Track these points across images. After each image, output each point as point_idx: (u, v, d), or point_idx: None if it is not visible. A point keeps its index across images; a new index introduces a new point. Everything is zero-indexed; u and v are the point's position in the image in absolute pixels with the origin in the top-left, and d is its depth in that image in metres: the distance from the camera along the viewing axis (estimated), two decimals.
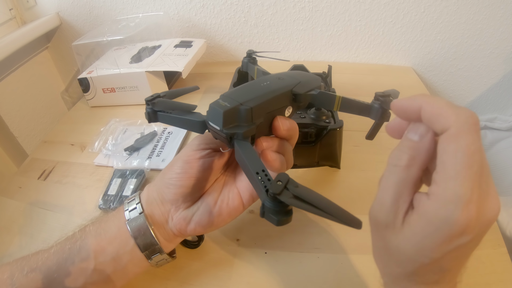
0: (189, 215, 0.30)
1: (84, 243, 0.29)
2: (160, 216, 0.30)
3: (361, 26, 0.73)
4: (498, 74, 0.75)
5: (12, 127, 0.73)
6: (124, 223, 0.29)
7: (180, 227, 0.30)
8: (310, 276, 0.35)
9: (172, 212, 0.30)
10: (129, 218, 0.30)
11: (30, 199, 0.47)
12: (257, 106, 0.27)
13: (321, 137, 0.43)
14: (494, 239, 0.37)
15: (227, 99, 0.28)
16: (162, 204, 0.30)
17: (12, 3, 0.76)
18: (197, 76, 0.74)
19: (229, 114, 0.26)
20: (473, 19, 0.68)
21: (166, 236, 0.31)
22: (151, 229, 0.29)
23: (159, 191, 0.30)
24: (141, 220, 0.29)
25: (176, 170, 0.29)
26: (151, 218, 0.30)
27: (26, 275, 0.27)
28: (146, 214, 0.30)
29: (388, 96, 0.29)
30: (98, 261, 0.28)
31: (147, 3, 0.75)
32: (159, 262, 0.31)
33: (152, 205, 0.30)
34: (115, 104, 0.67)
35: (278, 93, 0.29)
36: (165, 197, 0.30)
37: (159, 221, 0.30)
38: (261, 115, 0.28)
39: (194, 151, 0.30)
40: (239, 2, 0.72)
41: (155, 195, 0.31)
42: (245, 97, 0.28)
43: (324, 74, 0.54)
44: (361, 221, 0.22)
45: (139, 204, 0.31)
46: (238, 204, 0.30)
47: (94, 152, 0.54)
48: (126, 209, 0.31)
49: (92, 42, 0.66)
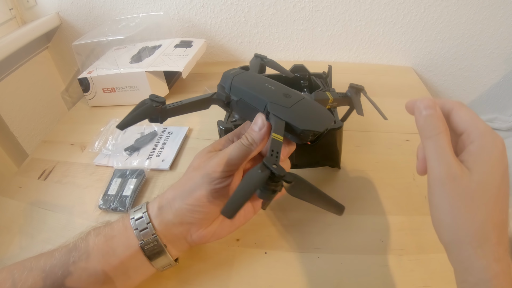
0: (210, 233, 0.31)
1: (91, 259, 0.28)
2: (177, 235, 0.31)
3: (361, 26, 0.73)
4: (498, 74, 0.75)
5: (12, 127, 0.73)
6: (137, 246, 0.29)
7: (199, 242, 0.31)
8: (310, 276, 0.35)
9: (192, 231, 0.31)
10: (143, 242, 0.29)
11: (30, 199, 0.47)
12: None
13: (321, 137, 0.43)
14: None
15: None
16: (181, 225, 0.30)
17: (12, 3, 0.76)
18: (197, 76, 0.74)
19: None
20: (473, 19, 0.68)
21: (180, 249, 0.32)
22: (165, 249, 0.30)
23: (178, 215, 0.30)
24: (155, 244, 0.30)
25: (202, 200, 0.29)
26: (166, 238, 0.30)
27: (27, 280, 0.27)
28: (160, 236, 0.30)
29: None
30: (108, 278, 0.29)
31: (147, 3, 0.75)
32: (165, 267, 0.32)
33: (168, 227, 0.30)
34: (115, 104, 0.67)
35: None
36: (187, 220, 0.30)
37: (176, 240, 0.31)
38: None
39: (220, 179, 0.29)
40: (239, 2, 0.72)
41: (171, 217, 0.30)
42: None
43: (324, 74, 0.54)
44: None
45: (150, 224, 0.30)
46: (251, 211, 0.33)
47: (94, 152, 0.54)
48: (136, 229, 0.30)
49: (92, 42, 0.66)
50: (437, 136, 0.25)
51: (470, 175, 0.23)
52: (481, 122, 0.25)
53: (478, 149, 0.24)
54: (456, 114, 0.26)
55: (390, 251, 0.36)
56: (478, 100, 0.80)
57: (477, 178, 0.23)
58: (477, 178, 0.23)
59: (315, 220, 0.40)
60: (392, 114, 0.40)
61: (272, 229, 0.40)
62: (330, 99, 0.37)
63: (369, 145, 0.52)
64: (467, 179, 0.23)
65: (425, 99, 0.26)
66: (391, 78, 0.73)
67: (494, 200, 0.23)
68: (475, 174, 0.23)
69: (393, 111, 0.44)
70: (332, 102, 0.37)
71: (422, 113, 0.26)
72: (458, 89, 0.79)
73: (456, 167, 0.24)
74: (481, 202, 0.23)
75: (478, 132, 0.24)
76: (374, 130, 0.55)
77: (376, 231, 0.39)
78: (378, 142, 0.52)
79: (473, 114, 0.26)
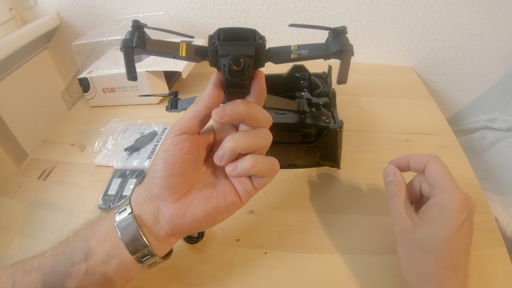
0: (182, 210, 0.28)
1: (76, 246, 0.28)
2: (149, 214, 0.28)
3: (361, 26, 0.73)
4: (498, 74, 0.75)
5: (12, 127, 0.73)
6: (113, 225, 0.28)
7: (173, 223, 0.28)
8: (310, 276, 0.35)
9: (162, 209, 0.28)
10: (119, 220, 0.28)
11: (30, 199, 0.47)
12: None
13: (321, 137, 0.43)
14: (494, 240, 0.37)
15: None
16: (150, 201, 0.29)
17: (12, 3, 0.76)
18: (197, 76, 0.74)
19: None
20: (473, 19, 0.68)
21: (158, 237, 0.29)
22: (140, 230, 0.28)
23: (146, 189, 0.29)
24: (129, 221, 0.28)
25: (157, 162, 0.28)
26: (140, 219, 0.28)
27: (21, 280, 0.27)
28: (135, 214, 0.28)
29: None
30: (89, 264, 0.27)
31: (147, 3, 0.75)
32: (151, 265, 0.30)
33: (141, 205, 0.29)
34: (115, 104, 0.67)
35: None
36: (152, 193, 0.28)
37: (149, 221, 0.28)
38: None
39: (171, 139, 0.28)
40: (239, 2, 0.72)
41: (143, 193, 0.29)
42: None
43: (324, 74, 0.54)
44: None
45: (129, 205, 0.29)
46: (236, 199, 0.29)
47: (94, 152, 0.54)
48: (116, 211, 0.29)
49: (92, 42, 0.66)
50: (392, 198, 0.32)
51: (422, 228, 0.28)
52: (448, 179, 0.29)
53: (435, 204, 0.29)
54: (428, 168, 0.31)
55: (390, 251, 0.36)
56: (478, 100, 0.80)
57: (427, 231, 0.28)
58: (427, 230, 0.28)
59: (315, 220, 0.40)
60: (392, 114, 0.40)
61: (272, 229, 0.40)
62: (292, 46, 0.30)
63: (369, 145, 0.52)
64: (417, 231, 0.29)
65: (388, 168, 0.33)
66: (391, 78, 0.73)
67: (444, 247, 0.27)
68: (426, 227, 0.28)
69: (393, 111, 0.44)
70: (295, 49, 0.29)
71: (384, 179, 0.34)
72: (458, 89, 0.79)
73: (408, 222, 0.29)
74: (430, 250, 0.28)
75: (441, 188, 0.29)
76: (374, 130, 0.55)
77: (376, 231, 0.39)
78: (378, 142, 0.52)
79: (443, 170, 0.30)
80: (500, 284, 0.33)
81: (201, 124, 0.29)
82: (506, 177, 0.61)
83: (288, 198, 0.44)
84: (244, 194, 0.29)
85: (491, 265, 0.35)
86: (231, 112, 0.27)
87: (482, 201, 0.42)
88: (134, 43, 0.27)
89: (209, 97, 0.28)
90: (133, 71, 0.28)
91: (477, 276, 0.34)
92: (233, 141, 0.27)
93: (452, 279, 0.27)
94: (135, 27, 0.28)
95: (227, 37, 0.25)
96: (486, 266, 0.35)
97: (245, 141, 0.28)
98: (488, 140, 0.71)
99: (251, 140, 0.28)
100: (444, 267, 0.27)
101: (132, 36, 0.28)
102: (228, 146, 0.27)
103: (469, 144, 0.74)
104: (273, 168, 0.29)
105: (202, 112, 0.28)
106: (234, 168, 0.28)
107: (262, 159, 0.28)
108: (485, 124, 0.74)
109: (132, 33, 0.28)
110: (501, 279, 0.34)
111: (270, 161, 0.29)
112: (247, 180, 0.29)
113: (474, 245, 0.36)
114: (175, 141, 0.28)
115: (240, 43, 0.24)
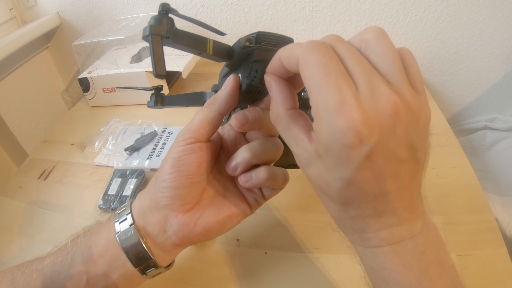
0: (193, 220, 0.27)
1: (75, 256, 0.27)
2: (154, 225, 0.27)
3: (362, 26, 0.73)
4: (498, 74, 0.75)
5: (12, 127, 0.73)
6: (114, 236, 0.27)
7: (183, 234, 0.27)
8: (310, 276, 0.35)
9: (171, 219, 0.27)
10: (119, 231, 0.27)
11: (30, 199, 0.47)
12: None
13: None
14: (494, 239, 0.37)
15: None
16: (157, 211, 0.27)
17: (12, 3, 0.76)
18: (197, 76, 0.74)
19: None
20: (474, 19, 0.68)
21: (163, 247, 0.27)
22: (143, 242, 0.26)
23: (152, 198, 0.27)
24: (131, 233, 0.26)
25: (167, 171, 0.26)
26: (144, 229, 0.27)
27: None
28: (137, 225, 0.27)
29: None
30: (89, 276, 0.26)
31: (147, 3, 0.75)
32: (155, 275, 0.29)
33: (145, 215, 0.27)
34: (115, 104, 0.67)
35: None
36: (160, 202, 0.27)
37: (154, 231, 0.27)
38: None
39: (183, 147, 0.26)
40: (239, 2, 0.72)
41: (148, 202, 0.27)
42: None
43: None
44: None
45: (130, 214, 0.27)
46: (246, 207, 0.29)
47: (94, 152, 0.54)
48: (116, 220, 0.27)
49: (92, 42, 0.66)
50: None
51: (316, 165, 0.20)
52: (323, 91, 0.17)
53: (316, 136, 0.20)
54: (301, 73, 0.19)
55: None
56: (478, 100, 0.80)
57: (321, 172, 0.20)
58: (321, 170, 0.20)
59: (315, 220, 0.40)
60: None
61: (272, 229, 0.40)
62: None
63: None
64: (312, 169, 0.21)
65: (267, 82, 0.23)
66: None
67: (344, 197, 0.20)
68: (319, 165, 0.20)
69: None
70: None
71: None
72: (458, 89, 0.79)
73: (310, 155, 0.21)
74: (333, 197, 0.21)
75: (315, 110, 0.18)
76: None
77: None
78: None
79: (318, 73, 0.18)
80: (500, 284, 0.33)
81: (213, 131, 0.27)
82: (506, 177, 0.61)
83: (288, 198, 0.44)
84: (253, 203, 0.29)
85: (491, 265, 0.35)
86: (253, 120, 0.26)
87: (482, 201, 0.42)
88: (166, 32, 0.23)
89: (226, 103, 0.26)
90: (162, 64, 0.24)
91: (477, 276, 0.33)
92: (250, 152, 0.26)
93: (373, 227, 0.20)
94: (164, 11, 0.24)
95: (267, 42, 0.23)
96: (486, 266, 0.34)
97: (261, 151, 0.27)
98: (488, 140, 0.71)
99: (267, 151, 0.27)
100: (354, 216, 0.20)
101: (161, 23, 0.23)
102: (244, 157, 0.26)
103: (469, 144, 0.74)
104: (286, 179, 0.28)
105: (216, 118, 0.27)
106: (248, 179, 0.27)
107: (276, 171, 0.27)
108: (485, 124, 0.74)
109: (160, 19, 0.23)
110: (501, 279, 0.34)
111: (283, 172, 0.28)
112: (257, 190, 0.29)
113: (474, 245, 0.36)
114: (188, 150, 0.26)
115: None
